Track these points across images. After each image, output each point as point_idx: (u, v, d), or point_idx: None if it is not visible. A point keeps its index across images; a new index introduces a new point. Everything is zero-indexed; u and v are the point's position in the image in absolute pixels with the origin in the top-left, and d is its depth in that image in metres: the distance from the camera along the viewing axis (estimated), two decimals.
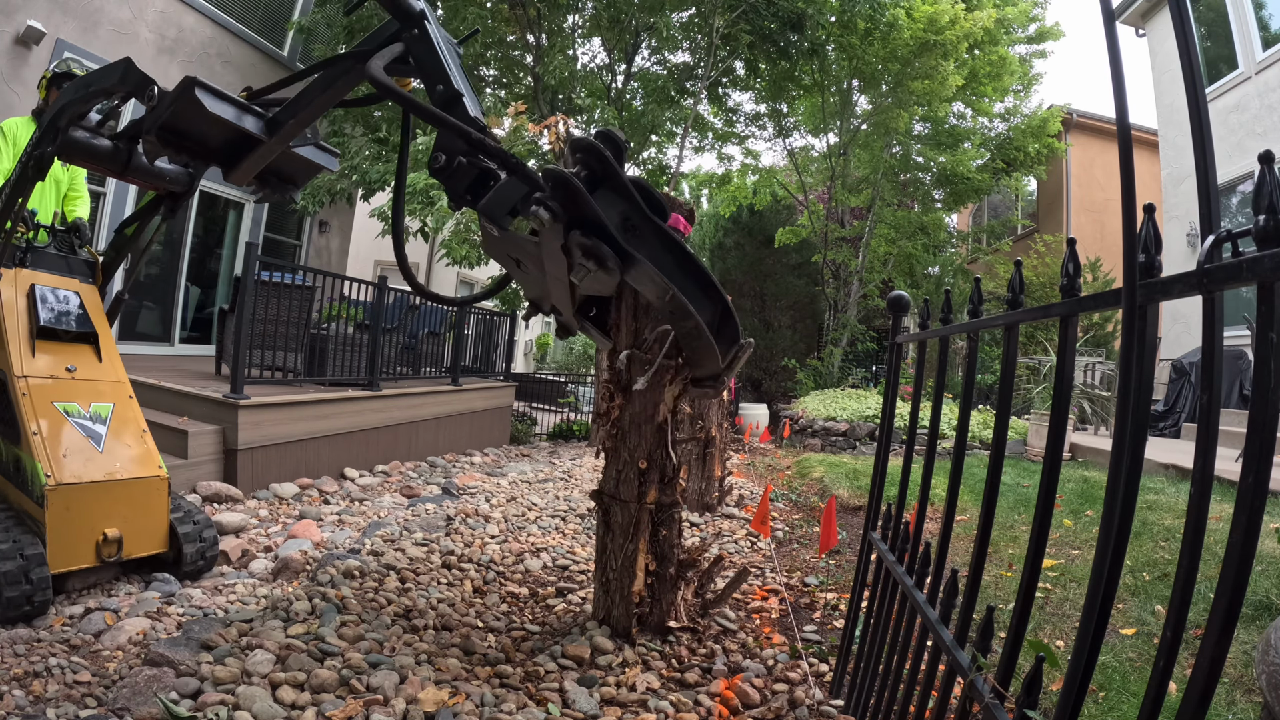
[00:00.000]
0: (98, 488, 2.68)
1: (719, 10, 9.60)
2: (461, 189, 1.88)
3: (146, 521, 2.84)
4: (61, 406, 2.78)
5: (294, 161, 2.57)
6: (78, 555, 2.63)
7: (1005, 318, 1.30)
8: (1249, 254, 0.77)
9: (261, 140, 2.21)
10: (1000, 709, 1.12)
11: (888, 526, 1.98)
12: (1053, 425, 1.12)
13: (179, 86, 2.07)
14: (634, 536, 2.52)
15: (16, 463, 2.75)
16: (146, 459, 2.89)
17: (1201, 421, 0.83)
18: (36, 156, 2.59)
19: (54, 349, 2.92)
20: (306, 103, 2.18)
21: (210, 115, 2.08)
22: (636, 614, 2.55)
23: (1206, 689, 0.76)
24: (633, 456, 2.52)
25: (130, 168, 2.68)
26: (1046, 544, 1.12)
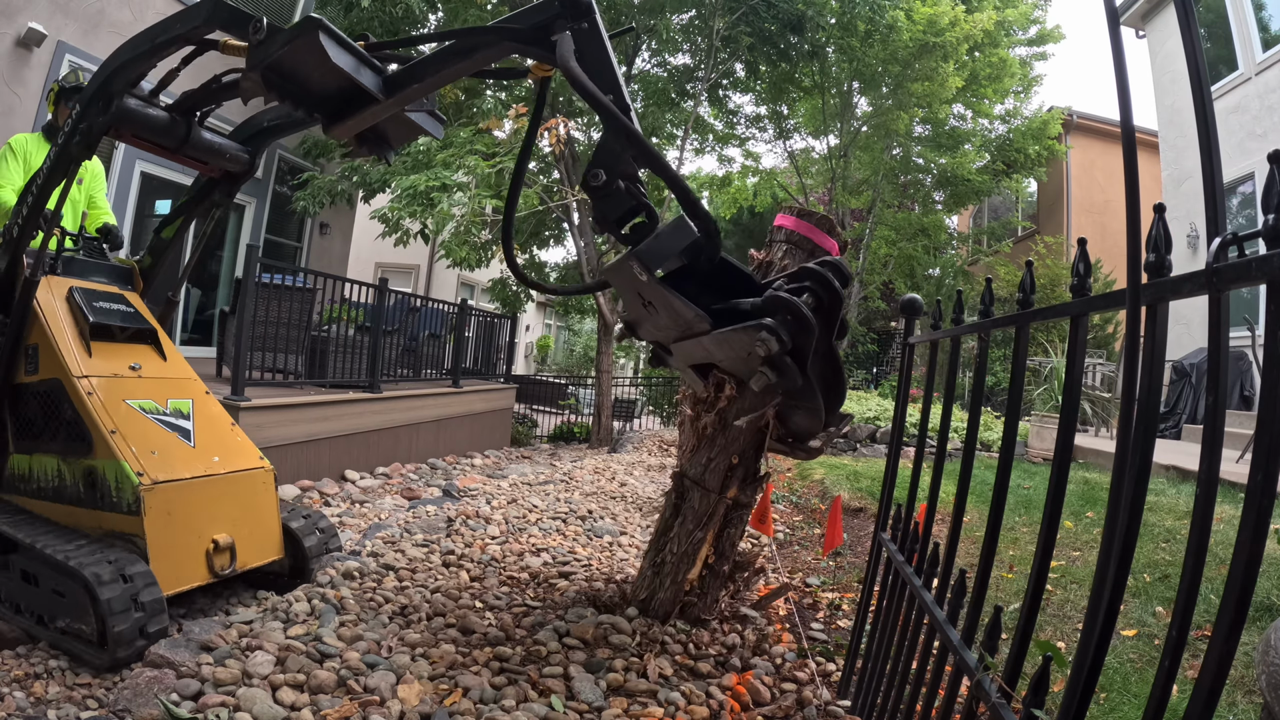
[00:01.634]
0: (199, 484, 2.33)
1: (719, 12, 9.61)
2: (614, 215, 1.74)
3: (258, 524, 2.48)
4: (136, 404, 2.45)
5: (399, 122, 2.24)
6: (187, 570, 2.24)
7: (1018, 318, 1.31)
8: (1255, 254, 0.77)
9: (376, 99, 1.98)
10: (1007, 709, 1.12)
11: (897, 529, 1.98)
12: (1062, 424, 1.12)
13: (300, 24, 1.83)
14: (705, 526, 2.51)
15: (89, 476, 2.32)
16: (246, 451, 2.59)
17: (1208, 422, 0.83)
18: (83, 130, 2.27)
19: (110, 350, 2.60)
20: (436, 69, 1.97)
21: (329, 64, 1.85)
22: (683, 601, 2.54)
23: (1214, 687, 0.75)
24: (728, 448, 2.49)
25: (188, 143, 2.43)
26: (1055, 542, 1.12)
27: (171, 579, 2.18)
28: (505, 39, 1.86)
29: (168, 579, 2.17)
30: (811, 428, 1.92)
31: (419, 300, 7.99)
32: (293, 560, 2.62)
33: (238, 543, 2.36)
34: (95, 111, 2.23)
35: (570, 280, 9.58)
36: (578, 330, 28.59)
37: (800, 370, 1.62)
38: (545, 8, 1.80)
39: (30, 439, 2.59)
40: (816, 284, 1.62)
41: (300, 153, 9.94)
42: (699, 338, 1.79)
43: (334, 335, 5.90)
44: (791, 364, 1.61)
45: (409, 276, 16.88)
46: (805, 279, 1.64)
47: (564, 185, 9.59)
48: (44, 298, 2.58)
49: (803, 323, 1.56)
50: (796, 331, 1.56)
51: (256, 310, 5.07)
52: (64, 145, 2.36)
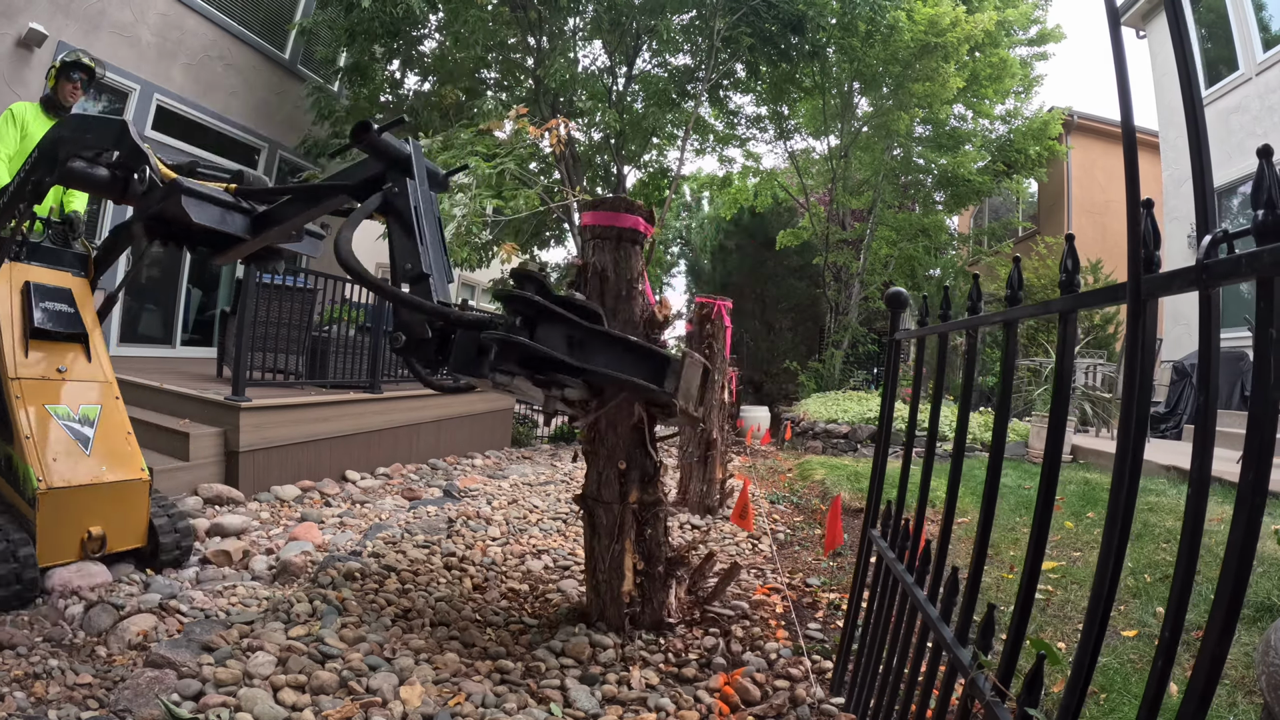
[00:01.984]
0: (85, 490, 2.79)
1: (719, 13, 9.62)
2: (431, 356, 2.00)
3: (128, 520, 2.97)
4: (53, 409, 2.88)
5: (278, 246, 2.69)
6: (63, 551, 2.77)
7: (1004, 314, 1.30)
8: (1247, 250, 0.77)
9: (244, 240, 2.40)
10: (1001, 707, 1.12)
11: (887, 525, 1.98)
12: (1052, 420, 1.12)
13: (165, 189, 2.22)
14: (619, 537, 2.54)
15: (9, 461, 2.85)
16: (130, 461, 3.00)
17: (1199, 419, 0.83)
18: (34, 182, 2.65)
19: (46, 348, 3.00)
20: (294, 213, 2.39)
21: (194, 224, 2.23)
22: (628, 613, 2.56)
23: (1208, 687, 0.76)
24: (612, 458, 2.54)
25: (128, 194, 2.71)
26: (1047, 538, 1.12)
27: (49, 555, 2.71)
28: (340, 193, 2.30)
29: (46, 555, 2.68)
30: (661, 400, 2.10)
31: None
32: (153, 546, 3.07)
33: (109, 533, 2.87)
34: (44, 170, 2.61)
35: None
36: None
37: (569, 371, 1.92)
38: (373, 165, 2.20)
39: None
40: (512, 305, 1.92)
41: (300, 153, 9.95)
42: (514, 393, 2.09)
43: (334, 335, 5.91)
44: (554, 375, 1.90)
45: None
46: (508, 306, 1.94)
47: (564, 186, 9.59)
48: (2, 290, 2.96)
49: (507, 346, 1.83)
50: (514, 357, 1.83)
51: (257, 310, 5.07)
52: (19, 186, 2.71)
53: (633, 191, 11.65)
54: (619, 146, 11.01)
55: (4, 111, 3.84)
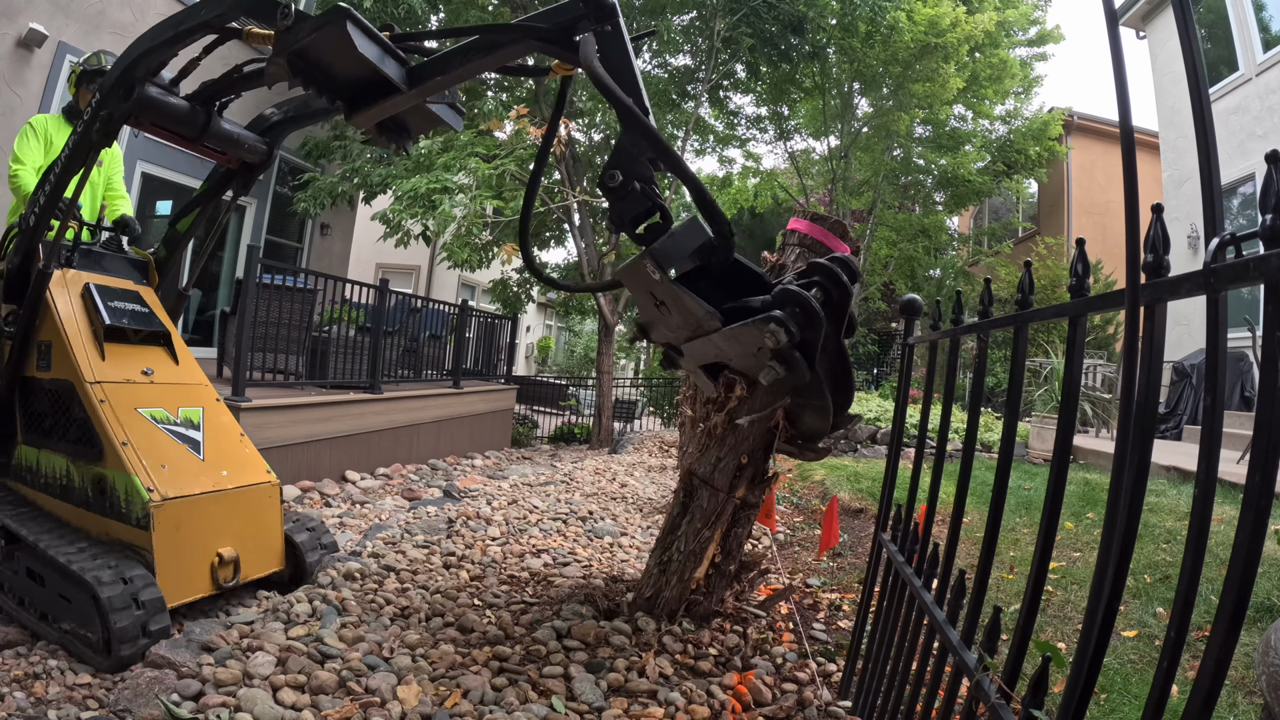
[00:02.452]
0: (207, 500, 2.37)
1: (720, 14, 9.62)
2: (629, 216, 1.76)
3: (262, 536, 2.55)
4: (147, 413, 2.46)
5: (419, 114, 2.25)
6: (192, 583, 2.29)
7: (1016, 318, 1.31)
8: (1253, 254, 0.77)
9: (400, 90, 2.00)
10: (1006, 709, 1.12)
11: (898, 529, 1.98)
12: (1061, 424, 1.13)
13: (328, 13, 1.86)
14: (713, 524, 2.51)
15: (99, 484, 2.36)
16: (254, 464, 2.64)
17: (1206, 422, 0.83)
18: (104, 117, 2.28)
19: (123, 351, 2.61)
20: (460, 63, 1.99)
21: (355, 54, 1.87)
22: (689, 600, 2.54)
23: (1213, 687, 0.75)
24: (737, 448, 2.49)
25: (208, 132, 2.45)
26: (1054, 542, 1.12)
27: (176, 591, 2.23)
28: (529, 37, 1.88)
29: (173, 591, 2.21)
30: (819, 428, 1.95)
31: (420, 301, 8.00)
32: (294, 570, 2.67)
33: (241, 555, 2.41)
34: (116, 99, 2.24)
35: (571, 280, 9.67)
36: (578, 331, 28.59)
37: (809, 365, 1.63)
38: (570, 8, 1.82)
39: (39, 434, 2.60)
40: (826, 279, 1.64)
41: (301, 154, 9.95)
42: (709, 336, 1.80)
43: (335, 336, 5.91)
44: (800, 358, 1.61)
45: (410, 277, 16.89)
46: (815, 274, 1.66)
47: (565, 186, 9.59)
48: (59, 293, 2.56)
49: (811, 316, 1.57)
50: (805, 325, 1.57)
51: (257, 311, 5.07)
52: (84, 132, 2.36)
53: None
54: None
55: (23, 127, 3.65)
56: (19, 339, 2.59)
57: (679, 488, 2.63)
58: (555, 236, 12.19)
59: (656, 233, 1.75)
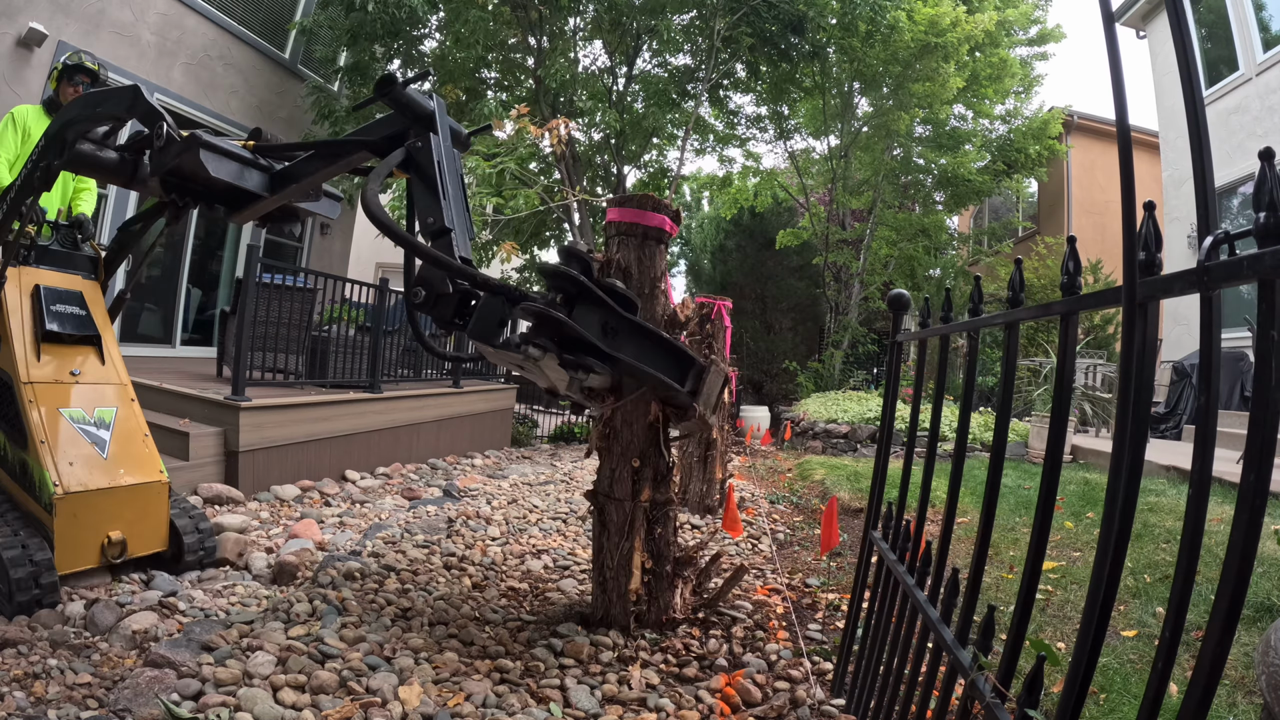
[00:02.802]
0: (103, 494, 2.74)
1: (720, 13, 9.62)
2: (449, 316, 1.95)
3: (148, 523, 2.90)
4: (67, 413, 2.81)
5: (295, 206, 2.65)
6: (83, 557, 2.70)
7: (1005, 316, 1.31)
8: (1248, 252, 0.77)
9: (262, 197, 2.36)
10: (1001, 709, 1.12)
11: (888, 526, 1.98)
12: (1054, 422, 1.12)
13: (184, 142, 2.17)
14: (629, 535, 2.53)
15: (23, 465, 2.79)
16: (148, 464, 2.95)
17: (1200, 420, 0.83)
18: (43, 168, 2.61)
19: (58, 351, 2.94)
20: (311, 170, 2.34)
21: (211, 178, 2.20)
22: (634, 612, 2.56)
23: (1209, 686, 0.76)
24: (626, 455, 2.53)
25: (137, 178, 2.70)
26: (1048, 539, 1.12)
27: (67, 562, 2.66)
28: (362, 149, 2.24)
29: (64, 562, 2.64)
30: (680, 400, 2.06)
31: None
32: (175, 550, 3.03)
33: (129, 538, 2.82)
34: (52, 154, 2.58)
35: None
36: None
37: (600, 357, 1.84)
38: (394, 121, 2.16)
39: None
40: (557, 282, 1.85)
41: None
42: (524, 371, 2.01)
43: (334, 335, 5.91)
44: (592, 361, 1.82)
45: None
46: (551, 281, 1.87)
47: (564, 186, 9.59)
48: (11, 292, 2.91)
49: (544, 319, 1.77)
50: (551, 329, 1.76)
51: (257, 310, 5.07)
52: (27, 176, 2.69)
53: (633, 191, 11.64)
54: (619, 146, 11.01)
55: (4, 115, 3.84)
56: None
57: (591, 508, 2.68)
58: (555, 236, 12.19)
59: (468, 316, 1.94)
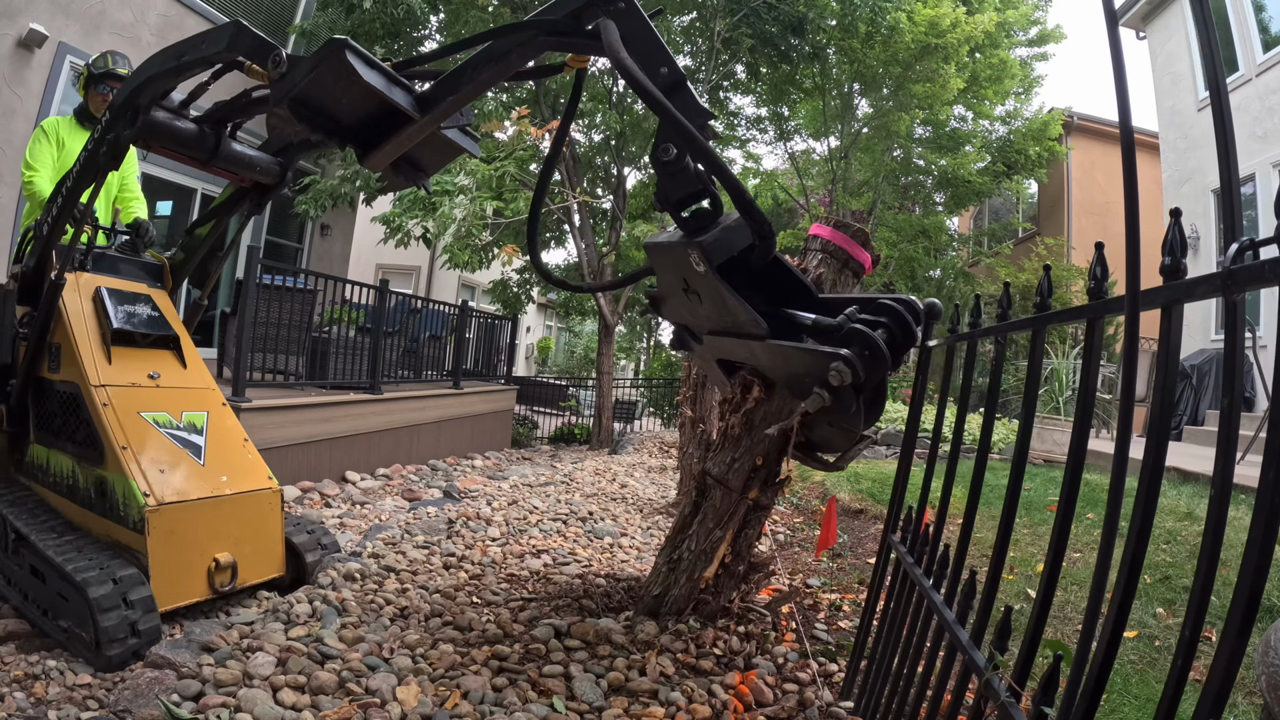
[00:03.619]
0: (205, 506, 2.37)
1: (720, 14, 9.62)
2: (676, 196, 1.64)
3: (262, 541, 2.53)
4: (150, 417, 2.47)
5: (433, 145, 2.10)
6: (187, 587, 2.30)
7: (1034, 321, 1.32)
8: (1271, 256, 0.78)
9: (412, 118, 1.86)
10: (1016, 708, 1.12)
11: (907, 530, 1.99)
12: (1077, 424, 1.13)
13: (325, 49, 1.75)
14: (725, 524, 2.51)
15: (100, 486, 2.39)
16: (255, 470, 2.62)
17: (1223, 423, 0.84)
18: (110, 141, 2.29)
19: (131, 355, 2.62)
20: (471, 77, 1.83)
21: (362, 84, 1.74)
22: (697, 599, 2.55)
23: (1224, 685, 0.76)
24: (753, 449, 2.50)
25: (219, 155, 2.41)
26: (1068, 541, 1.13)
27: (171, 594, 2.24)
28: (542, 33, 1.74)
29: (167, 595, 2.23)
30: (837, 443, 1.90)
31: (420, 302, 8.00)
32: (294, 574, 2.67)
33: (239, 561, 2.42)
34: (123, 124, 2.24)
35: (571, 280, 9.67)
36: (578, 332, 28.60)
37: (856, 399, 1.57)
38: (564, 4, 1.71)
39: (50, 434, 2.63)
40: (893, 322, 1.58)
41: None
42: (747, 340, 1.73)
43: (335, 336, 5.91)
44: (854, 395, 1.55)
45: (410, 278, 16.89)
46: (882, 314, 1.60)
47: (564, 187, 9.59)
48: (70, 297, 2.59)
49: (879, 361, 1.51)
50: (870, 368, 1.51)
51: (257, 311, 5.07)
52: (91, 153, 2.38)
53: (633, 192, 11.65)
54: (619, 148, 11.01)
55: (35, 130, 3.61)
56: (33, 341, 2.62)
57: (692, 486, 2.63)
58: (555, 237, 12.19)
59: (703, 219, 1.64)
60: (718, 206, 1.65)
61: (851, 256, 2.56)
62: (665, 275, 1.85)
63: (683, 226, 1.67)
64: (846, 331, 1.56)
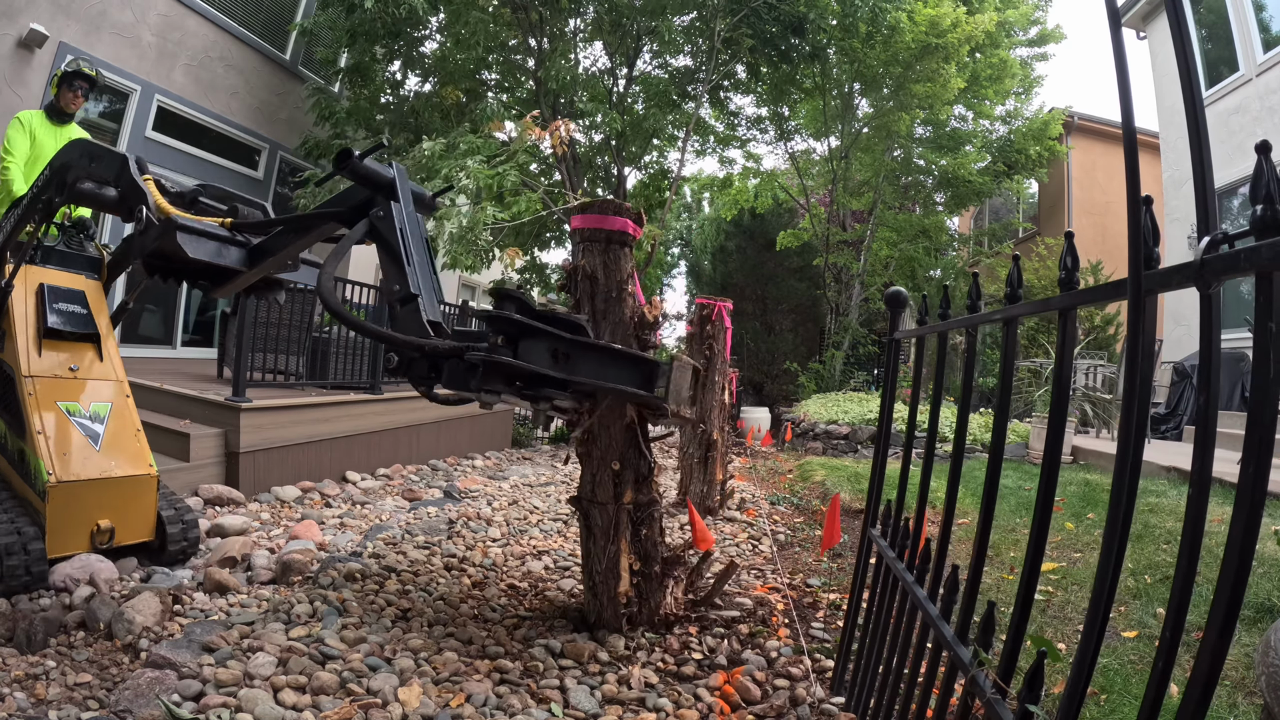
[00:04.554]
0: (94, 484, 2.87)
1: (720, 14, 9.62)
2: (423, 375, 2.02)
3: (137, 513, 3.03)
4: (64, 406, 2.95)
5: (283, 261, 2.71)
6: (72, 542, 2.84)
7: (1003, 312, 1.30)
8: (1246, 245, 0.78)
9: (241, 272, 2.49)
10: (1002, 704, 1.12)
11: (887, 524, 1.98)
12: (1052, 417, 1.12)
13: (161, 226, 2.30)
14: (614, 538, 2.55)
15: (21, 454, 2.93)
16: (139, 458, 3.07)
17: (1200, 418, 0.83)
18: (45, 201, 2.77)
19: (59, 347, 3.07)
20: (285, 243, 2.47)
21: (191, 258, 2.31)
22: (625, 614, 2.56)
23: (1207, 686, 0.76)
24: (605, 459, 2.54)
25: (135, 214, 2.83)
26: (1048, 533, 1.12)
27: (58, 546, 2.79)
28: (329, 221, 2.34)
29: (55, 546, 2.76)
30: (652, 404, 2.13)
31: None
32: (160, 540, 3.12)
33: (117, 526, 2.94)
34: (54, 190, 2.72)
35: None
36: None
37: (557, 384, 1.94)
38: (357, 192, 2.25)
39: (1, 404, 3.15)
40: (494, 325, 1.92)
41: (301, 154, 9.96)
42: None
43: (335, 336, 5.91)
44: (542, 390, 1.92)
45: None
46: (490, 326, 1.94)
47: (565, 188, 9.59)
48: (18, 290, 3.02)
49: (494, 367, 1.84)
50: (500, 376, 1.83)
51: (257, 311, 5.07)
52: (28, 206, 2.82)
53: (633, 193, 11.66)
54: (620, 148, 11.01)
55: (12, 119, 3.93)
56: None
57: (576, 513, 2.69)
58: (557, 238, 12.19)
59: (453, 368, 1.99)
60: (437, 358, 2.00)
61: (610, 230, 2.61)
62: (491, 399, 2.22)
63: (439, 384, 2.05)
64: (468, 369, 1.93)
